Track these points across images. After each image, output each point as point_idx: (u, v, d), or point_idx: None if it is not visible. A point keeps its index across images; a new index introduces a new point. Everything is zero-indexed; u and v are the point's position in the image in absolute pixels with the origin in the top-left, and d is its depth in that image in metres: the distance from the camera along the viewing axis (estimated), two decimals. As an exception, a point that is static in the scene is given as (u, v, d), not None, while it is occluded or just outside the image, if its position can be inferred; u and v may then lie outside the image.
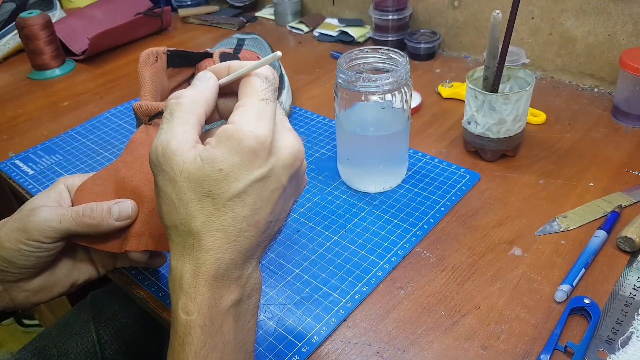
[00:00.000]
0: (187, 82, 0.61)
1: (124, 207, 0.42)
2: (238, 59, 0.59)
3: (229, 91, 0.35)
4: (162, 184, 0.31)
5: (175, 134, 0.31)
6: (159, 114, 0.45)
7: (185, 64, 0.59)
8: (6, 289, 0.43)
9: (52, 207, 0.43)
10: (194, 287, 0.31)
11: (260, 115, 0.31)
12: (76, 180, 0.47)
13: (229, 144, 0.30)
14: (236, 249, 0.31)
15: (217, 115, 0.37)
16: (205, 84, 0.34)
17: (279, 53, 0.33)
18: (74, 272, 0.46)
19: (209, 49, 0.64)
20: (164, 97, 0.56)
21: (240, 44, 0.70)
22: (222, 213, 0.30)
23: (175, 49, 0.57)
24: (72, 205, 0.46)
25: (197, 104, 0.33)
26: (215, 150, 0.30)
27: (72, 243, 0.44)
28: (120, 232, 0.44)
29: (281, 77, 0.69)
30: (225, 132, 0.30)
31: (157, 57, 0.54)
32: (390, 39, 0.86)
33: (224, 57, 0.56)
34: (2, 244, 0.41)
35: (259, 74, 0.33)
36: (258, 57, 0.66)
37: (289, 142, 0.32)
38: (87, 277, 0.47)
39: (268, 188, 0.32)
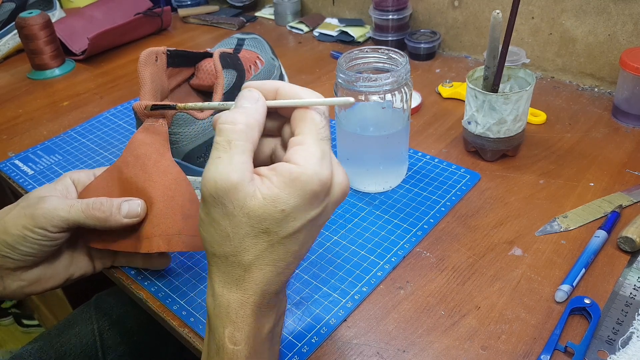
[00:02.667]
0: (187, 81, 0.61)
1: (134, 205, 0.43)
2: (238, 58, 0.59)
3: (271, 110, 0.34)
4: (218, 217, 0.30)
5: (235, 167, 0.29)
6: (162, 107, 0.45)
7: (184, 64, 0.59)
8: (1, 276, 0.43)
9: (61, 197, 0.43)
10: (241, 317, 0.31)
11: (322, 157, 0.31)
12: (82, 175, 0.47)
13: (293, 186, 0.30)
14: (281, 280, 0.32)
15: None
16: (255, 107, 0.32)
17: (351, 99, 0.33)
18: (71, 266, 0.46)
19: (208, 49, 0.64)
20: (164, 96, 0.56)
21: (240, 44, 0.70)
22: (275, 249, 0.31)
23: (174, 48, 0.57)
24: (79, 197, 0.46)
25: (252, 130, 0.31)
26: (279, 191, 0.29)
27: (72, 237, 0.45)
28: (130, 233, 0.44)
29: (281, 77, 0.69)
30: (290, 174, 0.30)
31: (156, 56, 0.54)
32: (390, 38, 0.86)
33: (224, 57, 0.56)
34: (7, 229, 0.41)
35: (318, 109, 0.32)
36: (258, 57, 0.65)
37: (341, 180, 0.32)
38: (83, 272, 0.47)
39: (318, 224, 0.32)
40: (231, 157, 0.30)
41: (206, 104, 0.36)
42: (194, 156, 0.51)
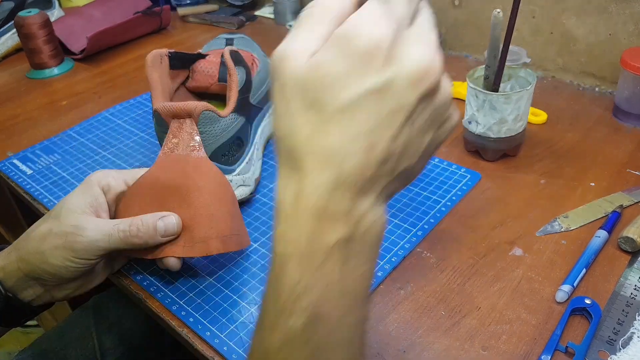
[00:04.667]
0: (183, 84, 0.61)
1: (170, 223, 0.43)
2: (241, 55, 0.59)
3: None
4: (275, 93, 0.27)
5: (294, 40, 0.27)
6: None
7: (181, 66, 0.59)
8: (48, 290, 0.45)
9: (96, 222, 0.43)
10: (292, 215, 0.27)
11: (381, 15, 0.25)
12: (110, 181, 0.47)
13: (337, 44, 0.25)
14: (341, 175, 0.26)
15: None
16: None
17: None
18: (109, 266, 0.48)
19: (200, 51, 0.64)
20: (169, 99, 0.56)
21: (229, 44, 0.69)
22: (328, 128, 0.26)
23: (174, 50, 0.57)
24: (115, 214, 0.47)
25: (327, 15, 0.27)
26: (324, 53, 0.25)
27: None
28: (179, 239, 0.44)
29: None
30: (335, 33, 0.26)
31: (161, 59, 0.54)
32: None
33: (234, 54, 0.56)
34: (46, 259, 0.42)
35: None
36: (252, 55, 0.65)
37: (419, 53, 0.25)
38: (120, 265, 0.49)
39: (386, 106, 0.26)
40: (295, 34, 0.27)
41: None
42: (219, 154, 0.50)
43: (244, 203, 0.55)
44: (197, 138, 0.47)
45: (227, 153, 0.51)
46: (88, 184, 0.46)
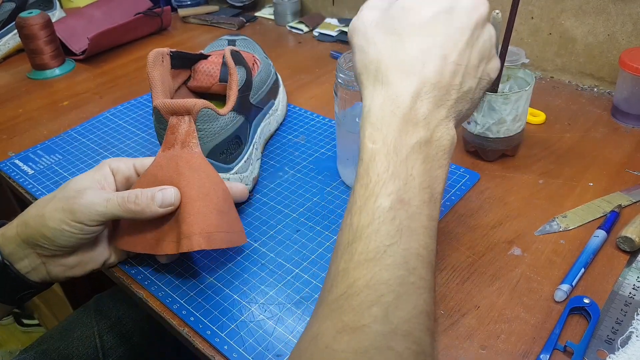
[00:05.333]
0: (185, 84, 0.61)
1: (168, 194, 0.44)
2: (242, 56, 0.59)
3: None
4: (355, 41, 0.35)
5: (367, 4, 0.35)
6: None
7: (183, 65, 0.59)
8: (44, 262, 0.44)
9: (98, 190, 0.44)
10: (380, 118, 0.32)
11: None
12: (121, 165, 0.48)
13: None
14: (421, 81, 0.32)
15: None
16: None
17: None
18: (108, 250, 0.48)
19: (202, 51, 0.64)
20: (170, 98, 0.56)
21: (231, 44, 0.70)
22: (408, 44, 0.32)
23: (176, 50, 0.57)
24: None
25: None
26: None
27: (108, 225, 0.47)
28: (165, 234, 0.45)
29: (275, 75, 0.69)
30: None
31: (162, 57, 0.54)
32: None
33: (234, 54, 0.56)
34: (46, 222, 0.42)
35: None
36: (253, 56, 0.65)
37: None
38: (119, 258, 0.49)
39: (453, 24, 0.33)
40: None
41: None
42: (217, 152, 0.51)
43: (242, 202, 0.55)
44: (195, 135, 0.47)
45: (225, 151, 0.52)
46: (99, 165, 0.47)
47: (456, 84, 0.33)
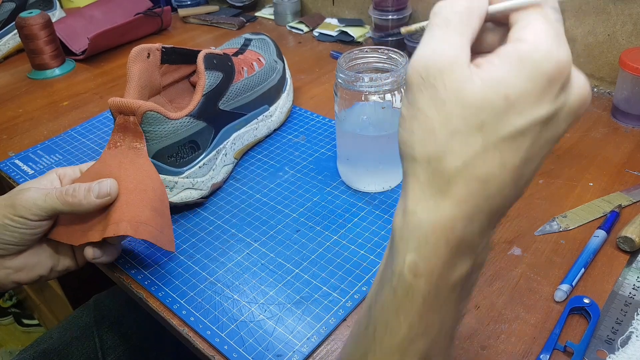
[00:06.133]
0: (187, 78, 0.61)
1: (104, 185, 0.44)
2: (229, 60, 0.59)
3: (488, 19, 0.27)
4: (424, 105, 0.24)
5: (452, 44, 0.24)
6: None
7: (182, 61, 0.59)
8: None
9: (40, 188, 0.45)
10: (431, 244, 0.24)
11: (558, 35, 0.24)
12: (68, 170, 0.49)
13: (521, 66, 0.23)
14: (490, 208, 0.24)
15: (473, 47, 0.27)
16: None
17: None
18: (55, 257, 0.48)
19: (213, 48, 0.64)
20: (154, 92, 0.56)
21: (246, 44, 0.70)
22: (490, 156, 0.24)
23: (171, 46, 0.57)
24: None
25: (472, 16, 0.25)
26: (503, 73, 0.23)
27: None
28: (98, 222, 0.45)
29: (283, 79, 0.69)
30: (516, 51, 0.23)
31: (149, 53, 0.54)
32: (390, 38, 0.86)
33: (210, 58, 0.56)
34: None
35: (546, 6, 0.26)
36: (259, 58, 0.66)
37: (583, 81, 0.24)
38: (67, 265, 0.48)
39: (546, 135, 0.24)
40: (448, 35, 0.24)
41: (417, 25, 0.30)
42: (165, 155, 0.51)
43: (195, 205, 0.55)
44: (141, 136, 0.48)
45: (175, 155, 0.52)
46: (47, 173, 0.48)
47: (514, 201, 0.26)
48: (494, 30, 0.27)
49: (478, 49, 0.26)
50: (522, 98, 0.23)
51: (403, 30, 0.31)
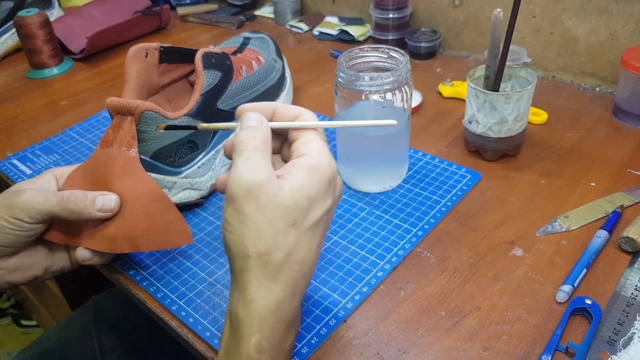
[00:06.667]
0: (185, 77, 0.61)
1: (108, 200, 0.44)
2: (227, 59, 0.58)
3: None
4: (251, 213, 0.31)
5: (263, 166, 0.32)
6: (179, 127, 0.46)
7: (181, 60, 0.59)
8: None
9: (38, 190, 0.44)
10: (270, 324, 0.31)
11: (329, 153, 0.35)
12: (65, 170, 0.48)
13: (314, 174, 0.33)
14: (306, 283, 0.33)
15: None
16: (264, 126, 0.35)
17: (392, 122, 0.37)
18: (50, 257, 0.47)
19: (211, 46, 0.63)
20: (152, 92, 0.56)
21: (245, 43, 0.70)
22: (301, 243, 0.32)
23: (170, 45, 0.57)
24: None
25: (267, 142, 0.35)
26: (304, 181, 0.32)
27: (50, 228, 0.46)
28: (91, 230, 0.45)
29: (282, 78, 0.69)
30: (308, 164, 0.33)
31: (147, 52, 0.54)
32: (390, 37, 0.85)
33: (208, 57, 0.55)
34: None
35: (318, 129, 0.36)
36: (257, 57, 0.65)
37: (340, 180, 0.36)
38: (61, 265, 0.48)
39: (327, 219, 0.34)
40: (259, 159, 0.33)
41: (215, 125, 0.39)
42: (163, 155, 0.50)
43: (194, 205, 0.55)
44: (135, 137, 0.47)
45: (173, 155, 0.51)
46: (43, 173, 0.48)
47: (317, 256, 0.35)
48: (275, 140, 0.37)
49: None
50: (317, 196, 0.32)
51: (199, 127, 0.40)
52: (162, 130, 0.45)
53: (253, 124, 0.35)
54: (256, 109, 0.36)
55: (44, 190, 0.45)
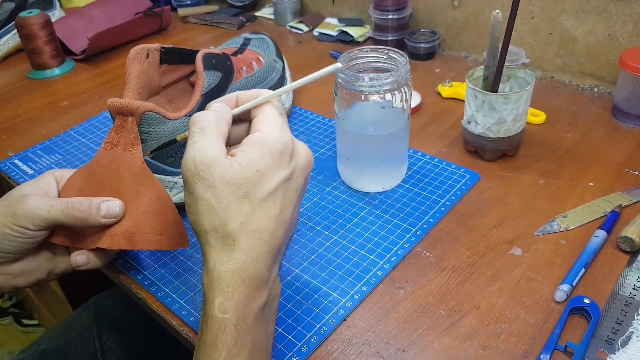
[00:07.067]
0: (186, 78, 0.61)
1: (112, 205, 0.44)
2: (228, 60, 0.59)
3: (236, 119, 0.39)
4: (201, 191, 0.33)
5: (210, 145, 0.34)
6: (162, 146, 0.47)
7: (181, 61, 0.59)
8: None
9: (41, 196, 0.44)
10: (231, 286, 0.33)
11: (282, 126, 0.36)
12: (65, 173, 0.48)
13: (262, 148, 0.34)
14: (269, 249, 0.34)
15: (229, 141, 0.39)
16: (223, 108, 0.37)
17: (338, 64, 0.38)
18: (53, 260, 0.47)
19: (212, 47, 0.64)
20: (153, 93, 0.56)
21: (245, 44, 0.70)
22: (257, 213, 0.33)
23: (171, 46, 0.57)
24: (59, 196, 0.47)
25: (222, 122, 0.36)
26: (252, 155, 0.34)
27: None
28: (99, 234, 0.45)
29: (282, 78, 0.69)
30: (257, 138, 0.34)
31: (148, 53, 0.54)
32: (390, 38, 0.86)
33: (209, 58, 0.56)
34: None
35: (273, 101, 0.38)
36: (258, 57, 0.65)
37: (304, 149, 0.37)
38: (64, 267, 0.48)
39: (291, 188, 0.35)
40: (207, 139, 0.34)
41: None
42: (164, 155, 0.51)
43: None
44: (138, 138, 0.47)
45: (174, 155, 0.51)
46: (43, 175, 0.48)
47: (288, 237, 0.37)
48: (243, 125, 0.39)
49: (237, 141, 0.38)
50: (267, 169, 0.34)
51: (178, 138, 0.44)
52: (149, 157, 0.48)
53: (213, 106, 0.37)
54: (220, 100, 0.38)
55: (46, 195, 0.45)
